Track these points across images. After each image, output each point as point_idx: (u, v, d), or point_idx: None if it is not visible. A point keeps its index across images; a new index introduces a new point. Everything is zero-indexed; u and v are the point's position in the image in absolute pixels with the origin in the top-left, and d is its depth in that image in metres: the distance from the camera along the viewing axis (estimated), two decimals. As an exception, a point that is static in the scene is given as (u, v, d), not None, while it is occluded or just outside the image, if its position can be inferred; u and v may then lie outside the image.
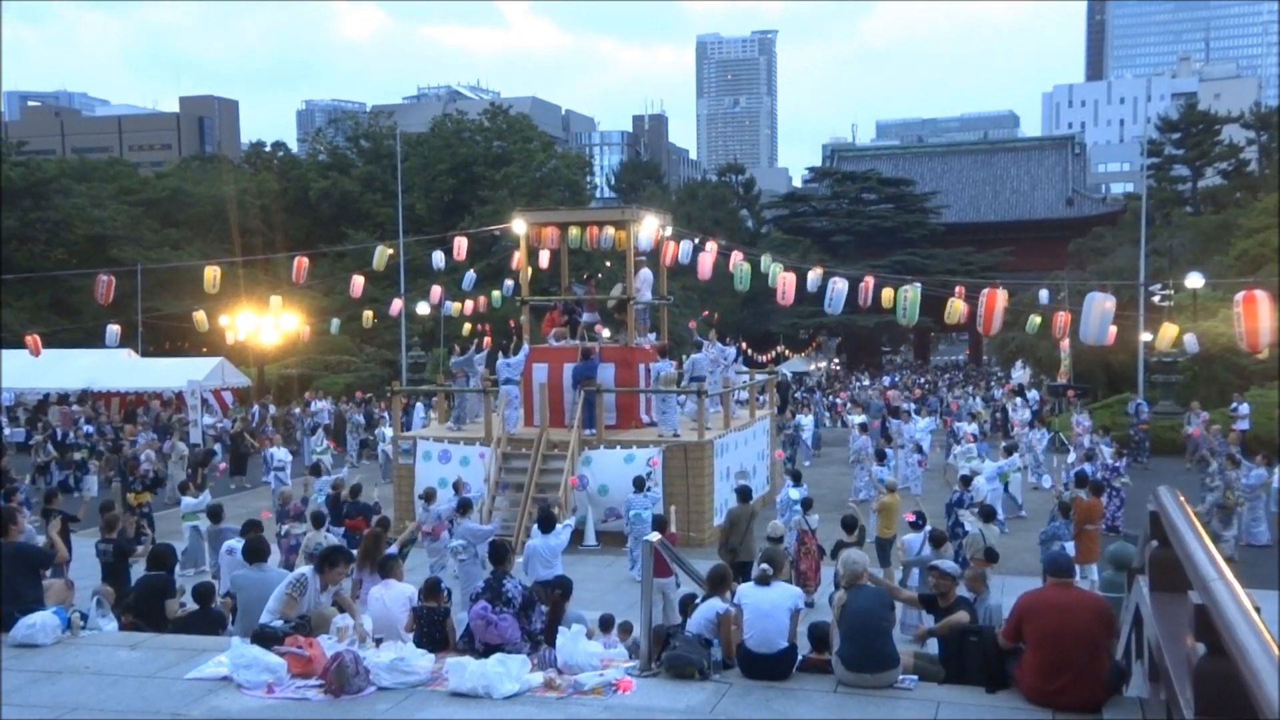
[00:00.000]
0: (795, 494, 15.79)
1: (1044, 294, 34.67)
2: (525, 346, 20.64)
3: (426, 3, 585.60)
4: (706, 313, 24.69)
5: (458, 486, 16.25)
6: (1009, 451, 21.25)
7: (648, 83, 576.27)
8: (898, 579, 14.23)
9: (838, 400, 43.99)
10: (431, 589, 8.79)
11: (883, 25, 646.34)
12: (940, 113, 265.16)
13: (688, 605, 8.79)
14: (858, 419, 29.45)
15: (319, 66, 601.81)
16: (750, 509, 14.42)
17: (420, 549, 15.15)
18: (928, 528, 13.08)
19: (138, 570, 11.56)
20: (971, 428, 25.76)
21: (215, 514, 14.69)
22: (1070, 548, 13.14)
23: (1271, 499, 18.67)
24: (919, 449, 24.71)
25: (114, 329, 29.63)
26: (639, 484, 16.51)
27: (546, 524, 12.38)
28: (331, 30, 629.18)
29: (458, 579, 13.56)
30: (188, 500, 16.77)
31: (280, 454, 22.01)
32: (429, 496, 15.45)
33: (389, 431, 24.60)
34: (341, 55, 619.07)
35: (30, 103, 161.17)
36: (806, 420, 29.85)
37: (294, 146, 76.95)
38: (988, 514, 13.73)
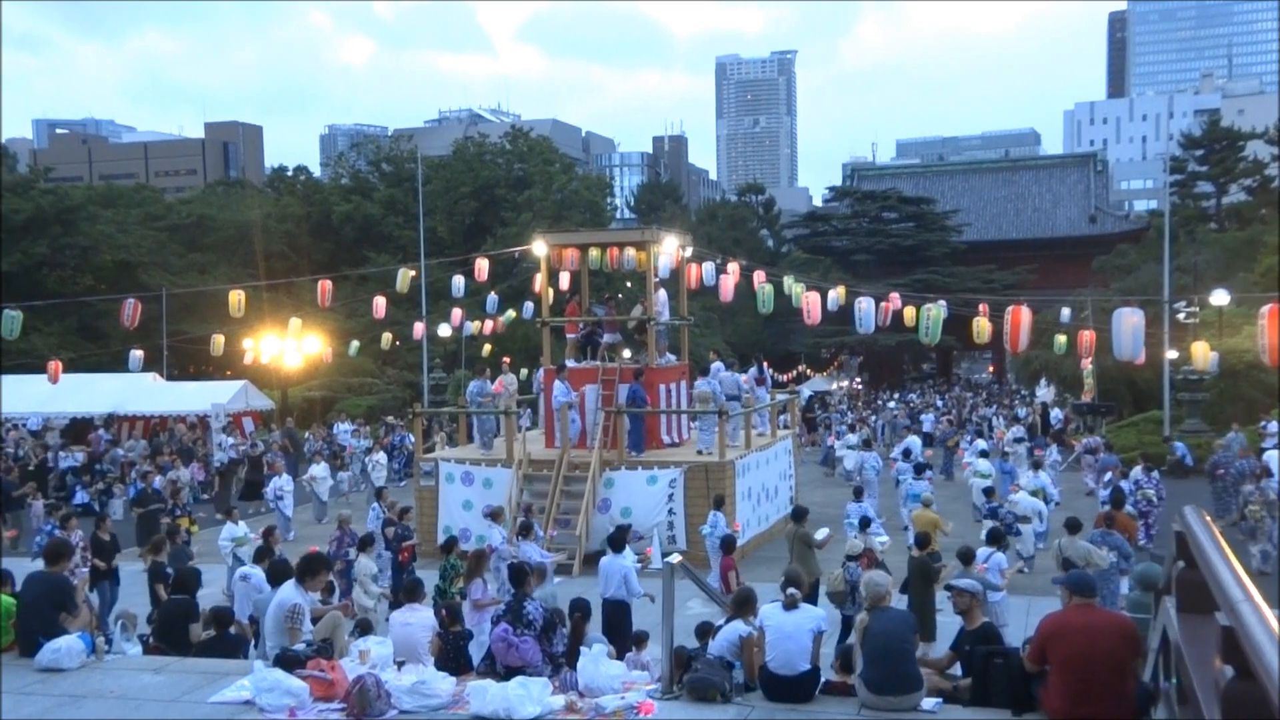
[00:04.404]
0: (853, 509, 15.95)
1: (1065, 312, 34.47)
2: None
3: (411, 29, 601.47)
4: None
5: (529, 511, 16.49)
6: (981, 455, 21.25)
7: (639, 106, 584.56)
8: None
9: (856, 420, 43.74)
10: (453, 614, 8.81)
11: (862, 48, 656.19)
12: (961, 131, 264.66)
13: (705, 632, 8.75)
14: (852, 438, 29.44)
15: (320, 93, 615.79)
16: (797, 529, 14.26)
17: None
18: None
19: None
20: (981, 444, 25.81)
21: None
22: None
23: None
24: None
25: (137, 354, 29.85)
26: (718, 503, 16.50)
27: (617, 544, 12.48)
28: (329, 58, 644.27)
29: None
30: (230, 527, 16.31)
31: (282, 482, 21.61)
32: (496, 516, 15.51)
33: (318, 470, 23.68)
34: (340, 82, 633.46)
35: (58, 130, 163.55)
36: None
37: (316, 171, 77.65)
38: (1073, 526, 13.01)
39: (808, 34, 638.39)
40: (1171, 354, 30.47)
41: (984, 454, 23.15)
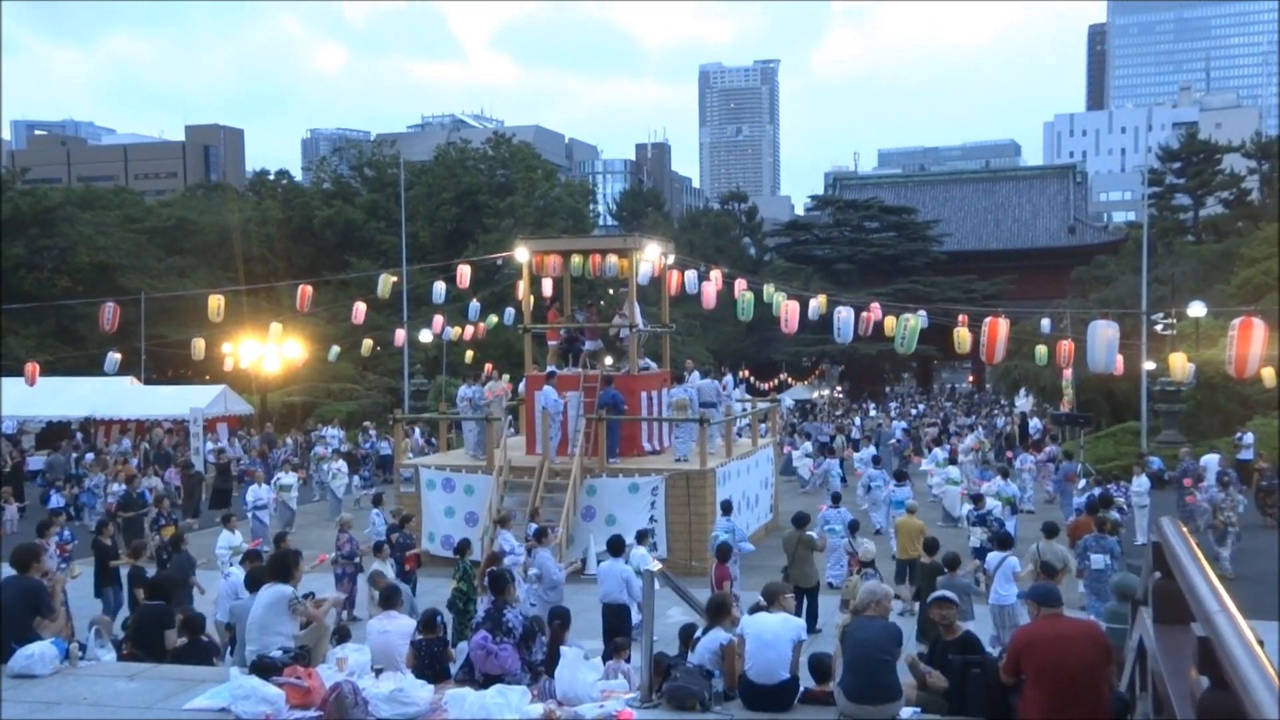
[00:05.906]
0: (834, 515, 16.33)
1: (1045, 322, 34.68)
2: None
3: (383, 36, 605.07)
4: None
5: (536, 515, 16.47)
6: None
7: (615, 114, 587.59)
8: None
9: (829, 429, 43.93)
10: (429, 621, 8.76)
11: (834, 58, 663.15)
12: (942, 141, 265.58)
13: (688, 636, 8.75)
14: (808, 445, 30.09)
15: (295, 98, 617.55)
16: (800, 534, 14.30)
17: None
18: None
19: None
20: (939, 453, 26.14)
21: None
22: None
23: None
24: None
25: (114, 357, 29.57)
26: (726, 508, 16.44)
27: (616, 549, 12.54)
28: (302, 64, 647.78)
29: (533, 606, 13.56)
30: (226, 535, 15.92)
31: (261, 491, 20.96)
32: (504, 522, 15.56)
33: (286, 478, 22.95)
34: (315, 88, 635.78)
35: (37, 131, 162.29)
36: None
37: (298, 175, 77.31)
38: (1050, 531, 13.21)
39: (778, 44, 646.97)
40: (1149, 365, 30.71)
41: (952, 462, 23.42)
